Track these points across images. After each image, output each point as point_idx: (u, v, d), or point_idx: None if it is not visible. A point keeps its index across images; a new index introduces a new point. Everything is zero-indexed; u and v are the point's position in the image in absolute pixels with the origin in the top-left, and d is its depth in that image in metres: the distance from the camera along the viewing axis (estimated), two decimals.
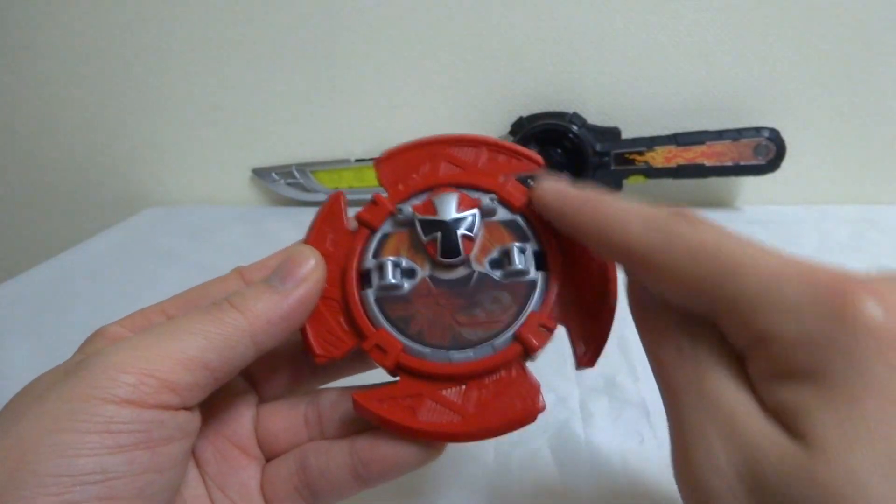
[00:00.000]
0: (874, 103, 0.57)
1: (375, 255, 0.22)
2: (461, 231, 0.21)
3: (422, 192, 0.23)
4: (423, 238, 0.22)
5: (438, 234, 0.21)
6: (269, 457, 0.23)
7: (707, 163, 0.56)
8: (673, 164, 0.56)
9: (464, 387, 0.20)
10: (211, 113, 0.67)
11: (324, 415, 0.23)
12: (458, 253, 0.21)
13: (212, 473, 0.21)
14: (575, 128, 0.56)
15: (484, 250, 0.22)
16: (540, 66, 0.60)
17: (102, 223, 0.66)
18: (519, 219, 0.22)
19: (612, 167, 0.57)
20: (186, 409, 0.18)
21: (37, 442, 0.15)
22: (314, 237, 0.23)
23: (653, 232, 0.17)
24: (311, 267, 0.21)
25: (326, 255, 0.22)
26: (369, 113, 0.64)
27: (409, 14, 0.60)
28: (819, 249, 0.50)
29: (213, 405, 0.21)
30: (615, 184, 0.58)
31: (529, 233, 0.22)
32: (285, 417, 0.23)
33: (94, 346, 0.20)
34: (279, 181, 0.65)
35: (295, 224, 0.62)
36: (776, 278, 0.15)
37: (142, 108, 0.68)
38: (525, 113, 0.59)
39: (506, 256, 0.21)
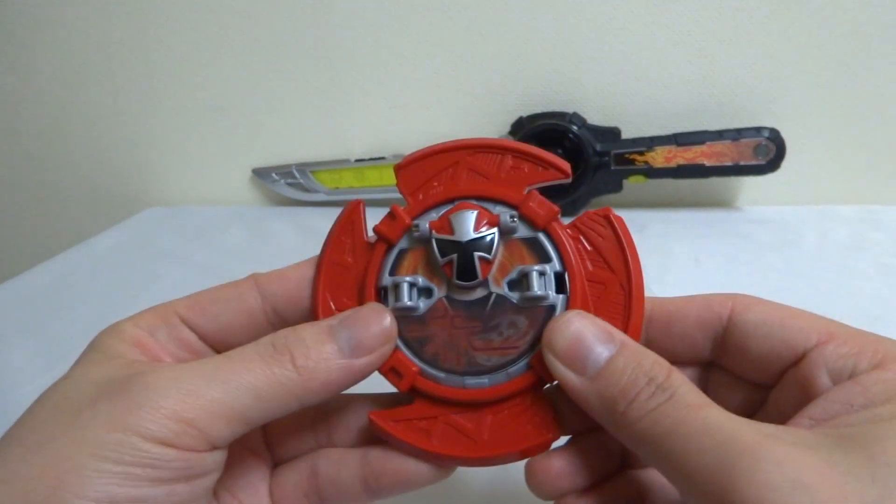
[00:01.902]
0: (874, 103, 0.57)
1: (392, 273, 0.22)
2: (479, 253, 0.21)
3: (441, 204, 0.22)
4: (440, 259, 0.21)
5: (455, 256, 0.21)
6: (275, 459, 0.23)
7: (707, 163, 0.56)
8: (673, 164, 0.56)
9: (478, 413, 0.20)
10: (211, 113, 0.67)
11: (332, 421, 0.22)
12: (474, 276, 0.21)
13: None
14: (575, 128, 0.56)
15: (503, 270, 0.21)
16: (540, 66, 0.60)
17: (102, 223, 0.66)
18: (541, 236, 0.21)
19: (612, 167, 0.57)
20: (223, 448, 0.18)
21: (80, 466, 0.15)
22: (332, 248, 0.22)
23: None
24: (385, 335, 0.20)
25: (344, 268, 0.22)
26: (369, 113, 0.64)
27: (409, 14, 0.60)
28: (819, 249, 0.50)
29: None
30: (615, 184, 0.58)
31: (552, 252, 0.21)
32: (293, 420, 0.22)
33: (109, 344, 0.20)
34: (279, 181, 0.65)
35: (295, 224, 0.62)
36: None
37: (142, 109, 0.68)
38: (525, 113, 0.59)
39: (525, 279, 0.20)
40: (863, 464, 0.14)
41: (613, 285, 0.20)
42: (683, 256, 0.50)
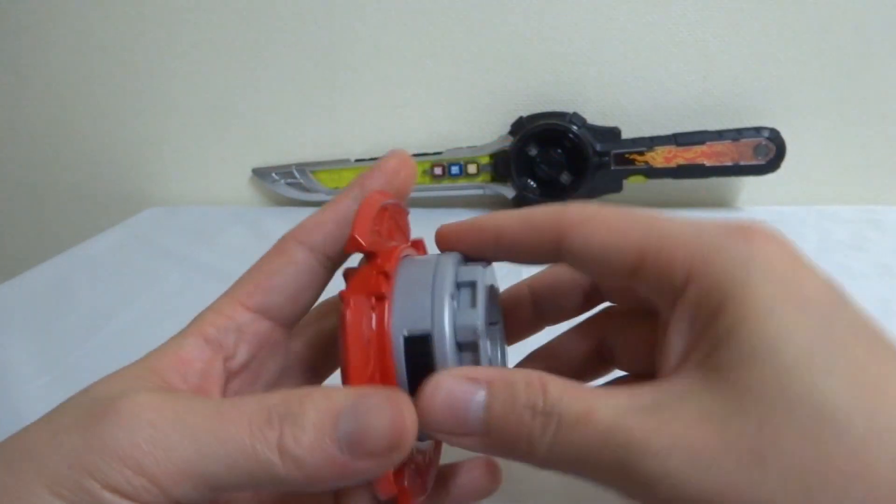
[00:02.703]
0: (874, 103, 0.57)
1: None
2: None
3: None
4: None
5: None
6: None
7: (707, 163, 0.56)
8: (673, 164, 0.56)
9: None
10: (211, 113, 0.67)
11: None
12: None
13: None
14: (575, 128, 0.56)
15: None
16: (540, 66, 0.60)
17: (102, 223, 0.66)
18: None
19: (612, 167, 0.57)
20: None
21: (35, 497, 0.15)
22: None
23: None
24: (397, 437, 0.16)
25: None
26: (369, 113, 0.64)
27: (409, 14, 0.60)
28: (819, 249, 0.50)
29: None
30: (615, 184, 0.58)
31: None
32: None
33: (158, 355, 0.18)
34: (279, 181, 0.65)
35: (295, 224, 0.62)
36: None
37: (142, 109, 0.68)
38: (525, 113, 0.59)
39: None
40: (730, 400, 0.15)
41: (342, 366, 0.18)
42: None
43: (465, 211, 0.64)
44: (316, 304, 0.22)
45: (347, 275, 0.19)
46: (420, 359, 0.18)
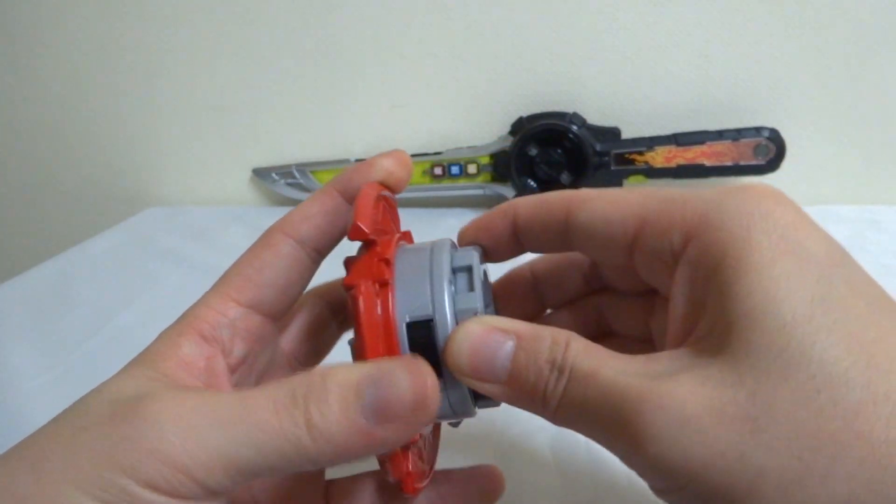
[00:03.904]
0: (874, 103, 0.57)
1: None
2: None
3: None
4: None
5: None
6: None
7: (707, 163, 0.56)
8: (673, 164, 0.56)
9: None
10: (211, 113, 0.67)
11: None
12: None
13: None
14: (575, 128, 0.56)
15: None
16: (540, 66, 0.60)
17: (102, 223, 0.66)
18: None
19: (612, 167, 0.57)
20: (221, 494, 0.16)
21: (65, 497, 0.14)
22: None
23: None
24: (419, 402, 0.16)
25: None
26: (369, 113, 0.64)
27: (408, 14, 0.60)
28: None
29: None
30: (615, 184, 0.58)
31: None
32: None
33: (158, 354, 0.18)
34: (279, 181, 0.65)
35: None
36: None
37: (142, 109, 0.68)
38: (525, 113, 0.59)
39: None
40: (727, 367, 0.15)
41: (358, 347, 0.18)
42: None
43: (466, 211, 0.64)
44: None
45: (348, 263, 0.20)
46: (423, 343, 0.18)
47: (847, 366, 0.14)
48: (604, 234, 0.19)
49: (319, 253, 0.21)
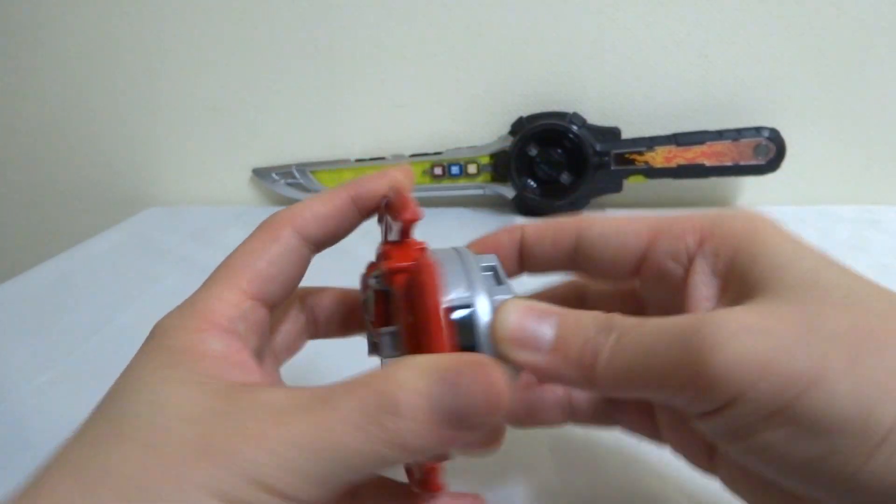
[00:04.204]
0: (874, 103, 0.57)
1: None
2: (367, 316, 0.20)
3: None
4: None
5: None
6: None
7: (707, 163, 0.56)
8: (673, 164, 0.56)
9: None
10: (211, 113, 0.67)
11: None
12: (371, 339, 0.21)
13: None
14: (575, 128, 0.56)
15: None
16: (540, 66, 0.60)
17: (102, 223, 0.66)
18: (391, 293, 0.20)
19: (612, 167, 0.57)
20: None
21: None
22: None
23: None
24: (495, 405, 0.16)
25: None
26: (369, 113, 0.64)
27: (408, 14, 0.60)
28: (819, 249, 0.50)
29: None
30: (615, 184, 0.58)
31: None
32: None
33: (193, 351, 0.17)
34: (279, 181, 0.66)
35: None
36: None
37: (142, 109, 0.68)
38: (525, 113, 0.59)
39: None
40: (767, 300, 0.17)
41: (419, 331, 0.18)
42: None
43: (465, 211, 0.64)
44: None
45: (385, 253, 0.20)
46: (462, 329, 0.18)
47: (869, 291, 0.17)
48: (616, 245, 0.21)
49: (318, 251, 0.22)
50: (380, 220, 0.22)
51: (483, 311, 0.18)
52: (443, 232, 0.21)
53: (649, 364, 0.17)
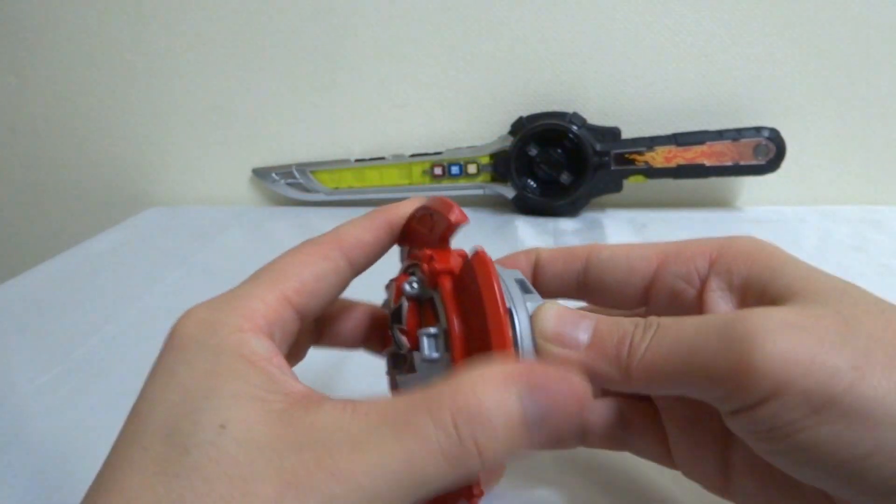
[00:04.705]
0: (875, 103, 0.57)
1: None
2: (398, 325, 0.20)
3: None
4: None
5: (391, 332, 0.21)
6: None
7: (707, 163, 0.56)
8: (673, 164, 0.56)
9: None
10: (211, 113, 0.67)
11: None
12: (400, 347, 0.20)
13: None
14: (575, 128, 0.56)
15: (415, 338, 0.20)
16: (540, 66, 0.60)
17: (102, 223, 0.66)
18: (435, 296, 0.20)
19: (612, 167, 0.57)
20: None
21: None
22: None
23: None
24: (578, 415, 0.16)
25: None
26: (369, 113, 0.64)
27: (409, 14, 0.60)
28: (819, 249, 0.50)
29: None
30: (615, 184, 0.58)
31: (441, 311, 0.19)
32: None
33: (249, 360, 0.17)
34: (279, 181, 0.66)
35: (295, 224, 0.62)
36: None
37: (142, 109, 0.68)
38: (525, 113, 0.59)
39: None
40: (802, 305, 0.17)
41: (480, 333, 0.18)
42: None
43: (465, 211, 0.64)
44: None
45: (426, 257, 0.20)
46: None
47: (891, 304, 0.17)
48: (625, 268, 0.22)
49: (355, 276, 0.22)
50: (401, 242, 0.23)
51: (521, 314, 0.19)
52: None
53: (688, 356, 0.17)
